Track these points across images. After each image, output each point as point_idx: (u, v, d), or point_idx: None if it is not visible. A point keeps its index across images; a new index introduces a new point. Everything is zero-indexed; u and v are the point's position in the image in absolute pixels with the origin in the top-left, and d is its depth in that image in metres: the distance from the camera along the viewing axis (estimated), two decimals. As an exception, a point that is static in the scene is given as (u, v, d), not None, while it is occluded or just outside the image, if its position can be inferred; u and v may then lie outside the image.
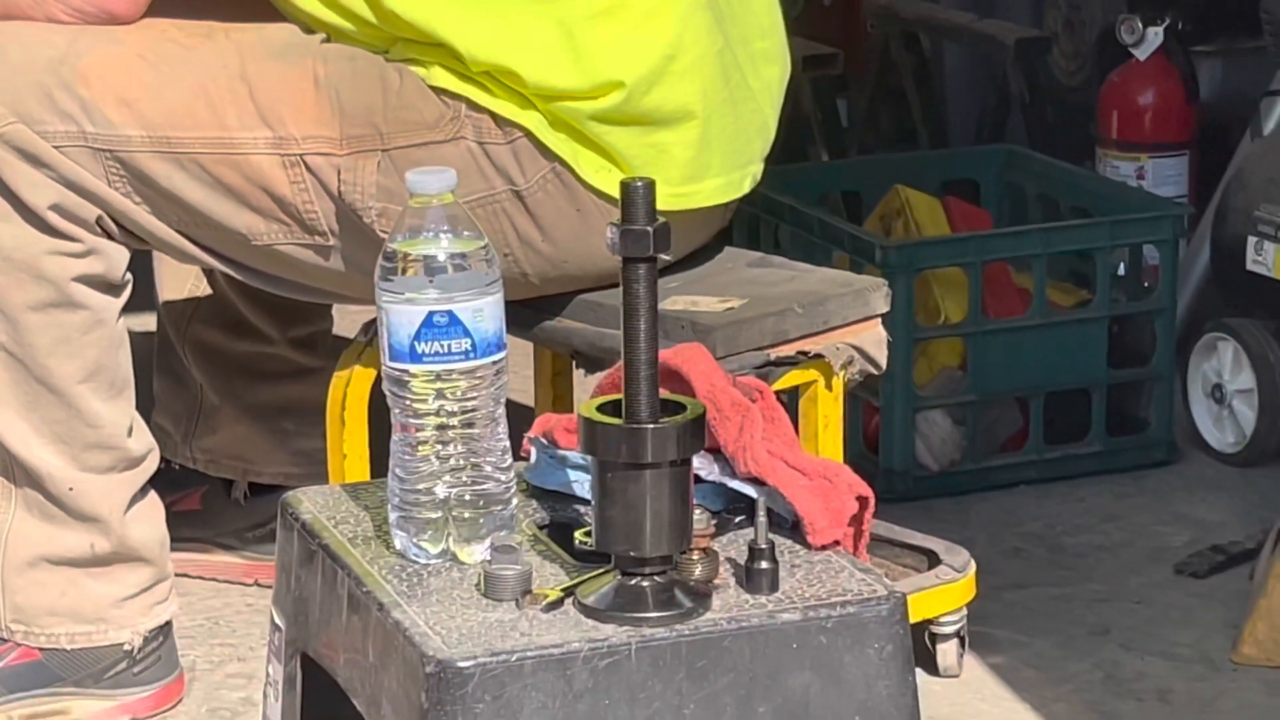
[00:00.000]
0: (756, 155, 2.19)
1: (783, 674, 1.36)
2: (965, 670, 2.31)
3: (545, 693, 1.31)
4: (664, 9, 2.01)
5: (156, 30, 2.09)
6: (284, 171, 2.05)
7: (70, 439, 2.13)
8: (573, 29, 1.97)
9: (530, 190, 2.04)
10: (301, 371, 2.61)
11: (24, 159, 2.02)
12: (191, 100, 2.05)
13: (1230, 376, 2.94)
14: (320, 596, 1.53)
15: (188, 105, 2.05)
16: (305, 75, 2.05)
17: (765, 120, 2.19)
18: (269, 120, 2.03)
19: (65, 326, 2.10)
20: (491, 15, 1.99)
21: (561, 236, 2.07)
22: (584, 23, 1.98)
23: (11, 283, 2.06)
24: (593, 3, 1.99)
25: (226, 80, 2.05)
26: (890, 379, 2.64)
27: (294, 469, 2.58)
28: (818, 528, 1.44)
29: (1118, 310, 2.95)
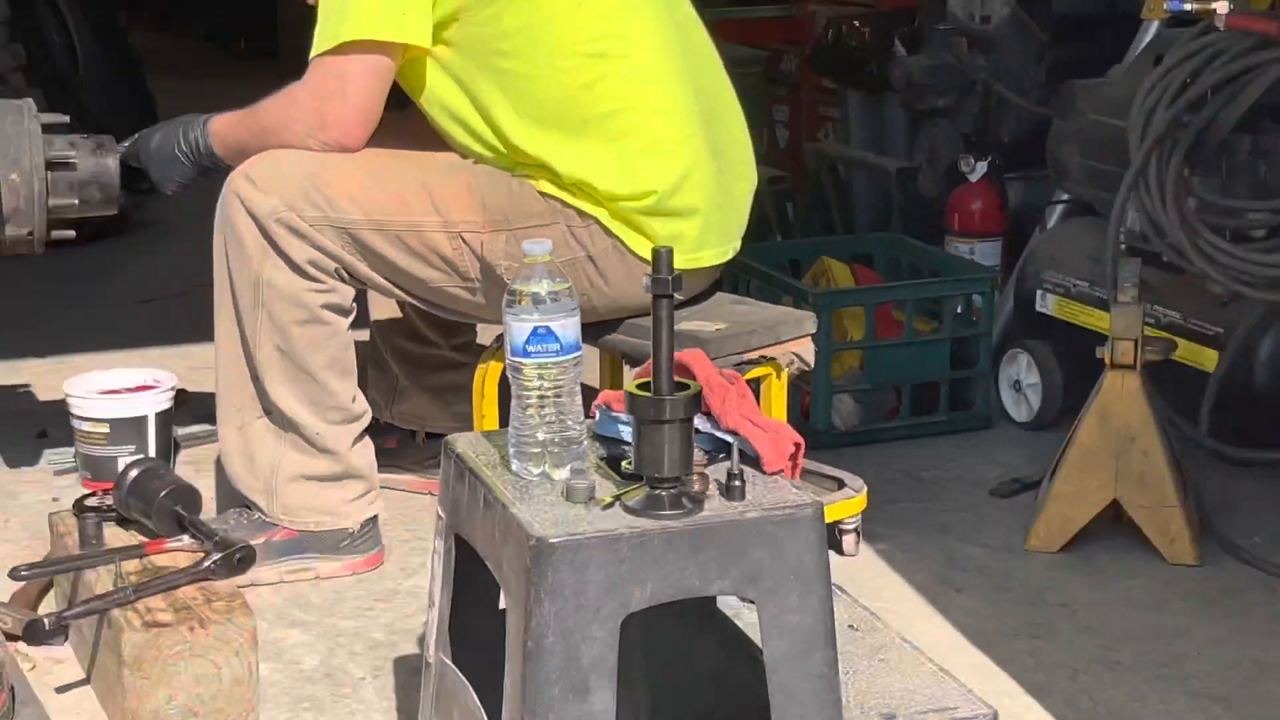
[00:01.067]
0: (736, 236, 2.83)
1: (747, 550, 1.74)
2: (860, 553, 2.93)
3: (601, 559, 1.68)
4: (683, 147, 2.66)
5: (372, 155, 2.71)
6: (449, 242, 2.63)
7: (318, 404, 2.75)
8: (626, 159, 2.62)
9: (598, 256, 2.64)
10: (458, 365, 3.18)
11: (291, 233, 2.64)
12: (393, 199, 2.64)
13: (1025, 376, 3.65)
14: (467, 499, 1.92)
15: (391, 202, 2.63)
16: (462, 184, 2.69)
17: (742, 215, 2.84)
18: (440, 212, 2.63)
19: (315, 334, 2.67)
20: (576, 150, 2.60)
21: (616, 284, 2.65)
22: (633, 155, 2.65)
23: (284, 308, 2.67)
24: (639, 141, 2.62)
25: (414, 186, 2.64)
26: (816, 373, 3.23)
27: (452, 424, 3.01)
28: (770, 461, 1.86)
29: (957, 334, 3.64)
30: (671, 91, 2.70)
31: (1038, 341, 3.58)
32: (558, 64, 2.62)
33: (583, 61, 2.62)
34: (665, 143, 2.66)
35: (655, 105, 2.67)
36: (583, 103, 2.62)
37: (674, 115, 2.68)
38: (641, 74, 2.67)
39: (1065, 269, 3.50)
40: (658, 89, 2.68)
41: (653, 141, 2.65)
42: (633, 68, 2.66)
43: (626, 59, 2.65)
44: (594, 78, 2.62)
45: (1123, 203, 3.18)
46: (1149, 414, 2.88)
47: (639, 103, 2.66)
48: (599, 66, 2.63)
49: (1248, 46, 3.06)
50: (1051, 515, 2.97)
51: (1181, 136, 3.10)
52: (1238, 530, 3.01)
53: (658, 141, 2.65)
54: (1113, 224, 3.21)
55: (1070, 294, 3.48)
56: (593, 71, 2.63)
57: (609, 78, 2.64)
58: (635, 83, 2.66)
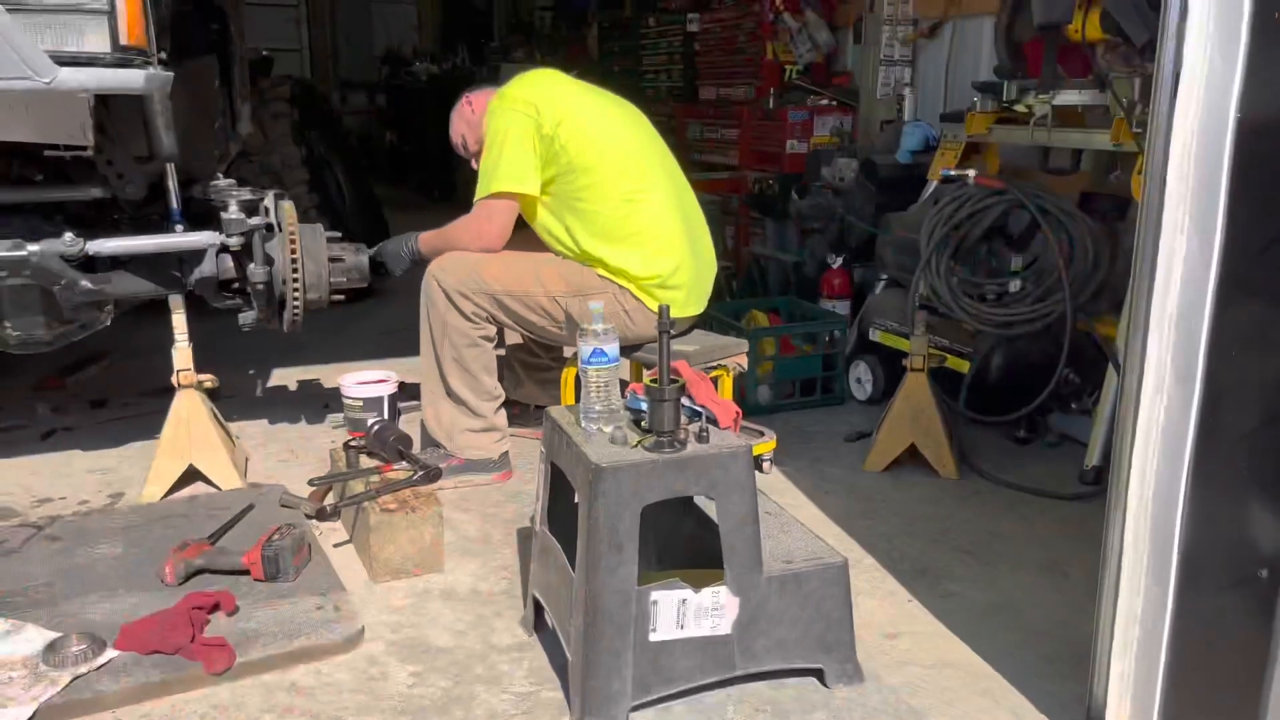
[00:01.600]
0: (704, 300, 2.81)
1: (710, 470, 1.73)
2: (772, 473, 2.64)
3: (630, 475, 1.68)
4: (676, 251, 2.67)
5: (506, 254, 2.70)
6: (548, 303, 2.62)
7: (476, 390, 2.75)
8: (645, 257, 2.64)
9: (630, 310, 2.63)
10: (551, 368, 3.19)
11: (461, 297, 2.66)
12: (517, 278, 2.66)
13: (863, 374, 3.63)
14: (557, 440, 1.89)
15: (516, 280, 2.65)
16: (556, 270, 2.67)
17: (708, 289, 2.81)
18: (543, 286, 2.66)
19: (475, 352, 2.66)
20: (619, 251, 2.62)
21: (638, 325, 2.64)
22: (649, 255, 2.64)
23: (457, 337, 2.69)
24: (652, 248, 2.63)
25: (529, 271, 2.70)
26: (748, 373, 3.07)
27: (549, 400, 3.04)
28: (723, 422, 1.84)
29: (826, 352, 3.56)
30: (671, 218, 2.68)
31: (870, 356, 3.56)
32: (608, 205, 2.61)
33: (622, 204, 2.62)
34: (666, 248, 2.65)
35: (661, 228, 2.65)
36: (623, 227, 2.62)
37: (672, 233, 2.67)
38: (654, 209, 2.65)
39: (885, 316, 3.49)
40: (663, 217, 2.67)
41: (660, 248, 2.64)
42: (649, 206, 2.65)
43: (646, 202, 2.64)
44: (628, 213, 2.62)
45: (917, 279, 3.16)
46: (931, 396, 2.87)
47: (653, 226, 2.64)
48: (631, 206, 2.62)
49: (986, 194, 3.05)
50: (877, 451, 2.96)
51: (949, 244, 3.10)
52: (979, 460, 3.00)
53: (662, 248, 2.64)
54: (912, 291, 3.19)
55: (888, 330, 3.46)
56: (628, 209, 2.62)
57: (637, 213, 2.63)
58: (651, 215, 2.65)
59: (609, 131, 2.67)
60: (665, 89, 5.96)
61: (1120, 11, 2.70)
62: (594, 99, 2.76)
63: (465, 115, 2.85)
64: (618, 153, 2.64)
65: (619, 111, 2.77)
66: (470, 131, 2.84)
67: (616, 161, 2.63)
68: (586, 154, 2.60)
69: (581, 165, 2.60)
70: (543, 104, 2.62)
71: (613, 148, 2.64)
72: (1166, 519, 1.50)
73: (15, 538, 2.39)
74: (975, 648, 2.02)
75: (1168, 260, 1.44)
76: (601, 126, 2.66)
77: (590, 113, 2.68)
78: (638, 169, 2.66)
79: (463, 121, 2.86)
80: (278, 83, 5.23)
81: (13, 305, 2.53)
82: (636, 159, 2.68)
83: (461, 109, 2.87)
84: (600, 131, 2.65)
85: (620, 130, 2.71)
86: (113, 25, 2.15)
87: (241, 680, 1.88)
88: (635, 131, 2.75)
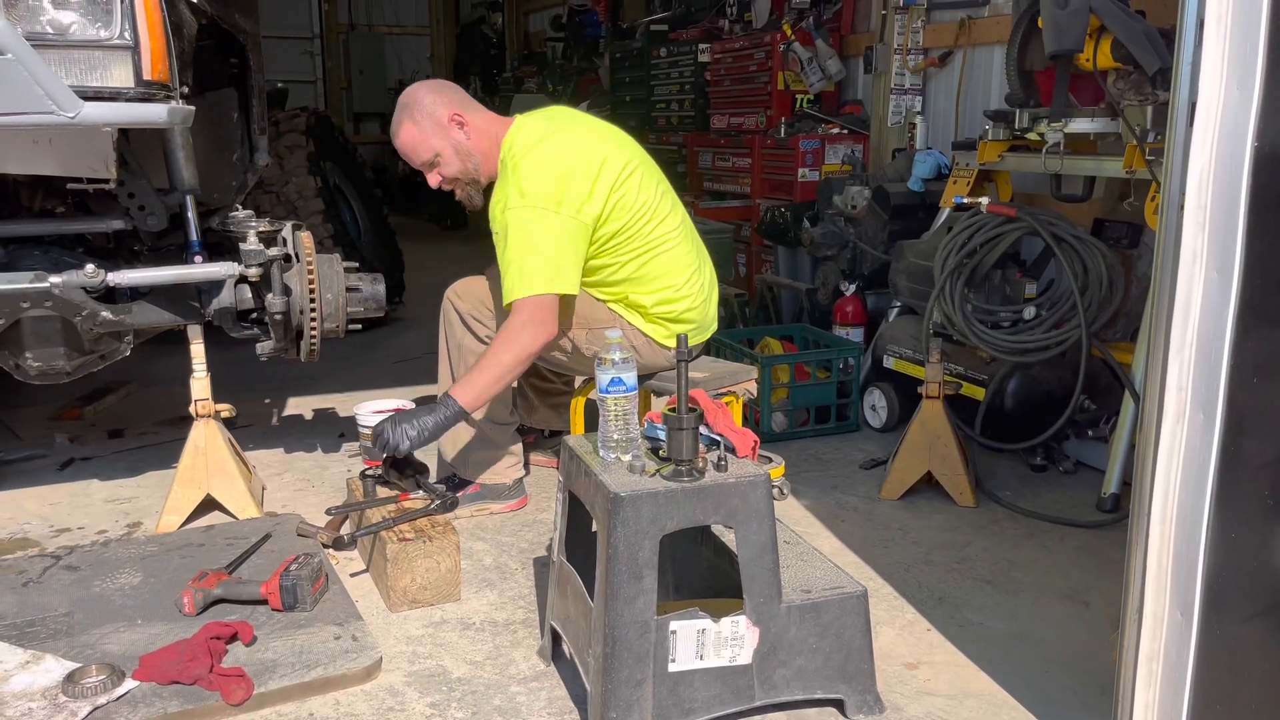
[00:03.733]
0: (713, 326, 2.78)
1: (728, 499, 1.72)
2: (788, 500, 2.70)
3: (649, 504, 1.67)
4: (689, 285, 2.63)
5: None
6: (566, 340, 2.57)
7: (491, 415, 2.73)
8: (659, 300, 2.60)
9: (641, 345, 2.59)
10: (564, 393, 3.12)
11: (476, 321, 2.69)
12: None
13: (878, 401, 3.61)
14: (574, 469, 1.89)
15: None
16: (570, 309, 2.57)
17: (713, 323, 2.78)
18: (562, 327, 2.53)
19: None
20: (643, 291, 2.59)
21: (646, 357, 2.62)
22: (664, 297, 2.60)
23: (474, 360, 2.57)
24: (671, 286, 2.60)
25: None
26: (764, 401, 3.38)
27: (562, 427, 3.11)
28: (740, 450, 1.83)
29: (840, 379, 3.58)
30: (686, 259, 2.63)
31: (885, 383, 3.56)
32: (628, 261, 2.55)
33: (642, 253, 2.55)
34: (681, 287, 2.61)
35: (677, 271, 2.61)
36: (642, 274, 2.57)
37: (687, 272, 2.63)
38: (672, 255, 2.59)
39: (900, 343, 3.49)
40: (680, 261, 2.62)
41: (676, 287, 2.60)
42: (667, 253, 2.59)
43: (664, 249, 2.58)
44: (648, 263, 2.56)
45: (931, 307, 3.17)
46: (947, 424, 2.86)
47: (670, 271, 2.59)
48: (651, 255, 2.56)
49: (998, 222, 3.06)
50: (893, 479, 2.95)
51: (963, 271, 3.10)
52: (996, 487, 2.99)
53: (678, 288, 2.60)
54: (926, 318, 3.20)
55: (903, 357, 3.47)
56: (648, 258, 2.56)
57: (656, 260, 2.57)
58: (668, 261, 2.59)
59: (634, 188, 2.52)
60: (677, 118, 6.00)
61: (1132, 40, 2.71)
62: (604, 147, 2.53)
63: (453, 137, 2.52)
64: (642, 208, 2.53)
65: (629, 153, 2.58)
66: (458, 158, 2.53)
67: (640, 218, 2.53)
68: (619, 220, 2.49)
69: (613, 231, 2.50)
70: (572, 192, 2.41)
71: (639, 206, 2.52)
72: (1190, 547, 1.49)
73: (34, 568, 2.39)
74: (996, 678, 2.00)
75: (1187, 288, 1.44)
76: (628, 186, 2.50)
77: (612, 172, 2.48)
78: (659, 218, 2.57)
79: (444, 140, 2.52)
80: (294, 114, 5.29)
81: (34, 336, 2.56)
82: (659, 209, 2.58)
83: (446, 125, 2.51)
84: (628, 195, 2.50)
85: (640, 180, 2.55)
86: (136, 61, 2.18)
87: (260, 711, 1.87)
88: (647, 172, 2.61)
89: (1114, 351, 2.93)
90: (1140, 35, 2.71)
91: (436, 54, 12.33)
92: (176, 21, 2.35)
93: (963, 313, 3.07)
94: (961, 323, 3.06)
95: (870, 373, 3.66)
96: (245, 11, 3.21)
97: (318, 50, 11.78)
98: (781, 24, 4.92)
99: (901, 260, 3.50)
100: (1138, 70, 2.76)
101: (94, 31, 2.17)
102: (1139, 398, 2.73)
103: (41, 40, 2.13)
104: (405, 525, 2.34)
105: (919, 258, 3.38)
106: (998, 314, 3.05)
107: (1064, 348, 2.92)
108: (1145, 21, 2.78)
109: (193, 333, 2.69)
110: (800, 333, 3.89)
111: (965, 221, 3.14)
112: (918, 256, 3.39)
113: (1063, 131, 3.00)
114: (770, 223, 4.56)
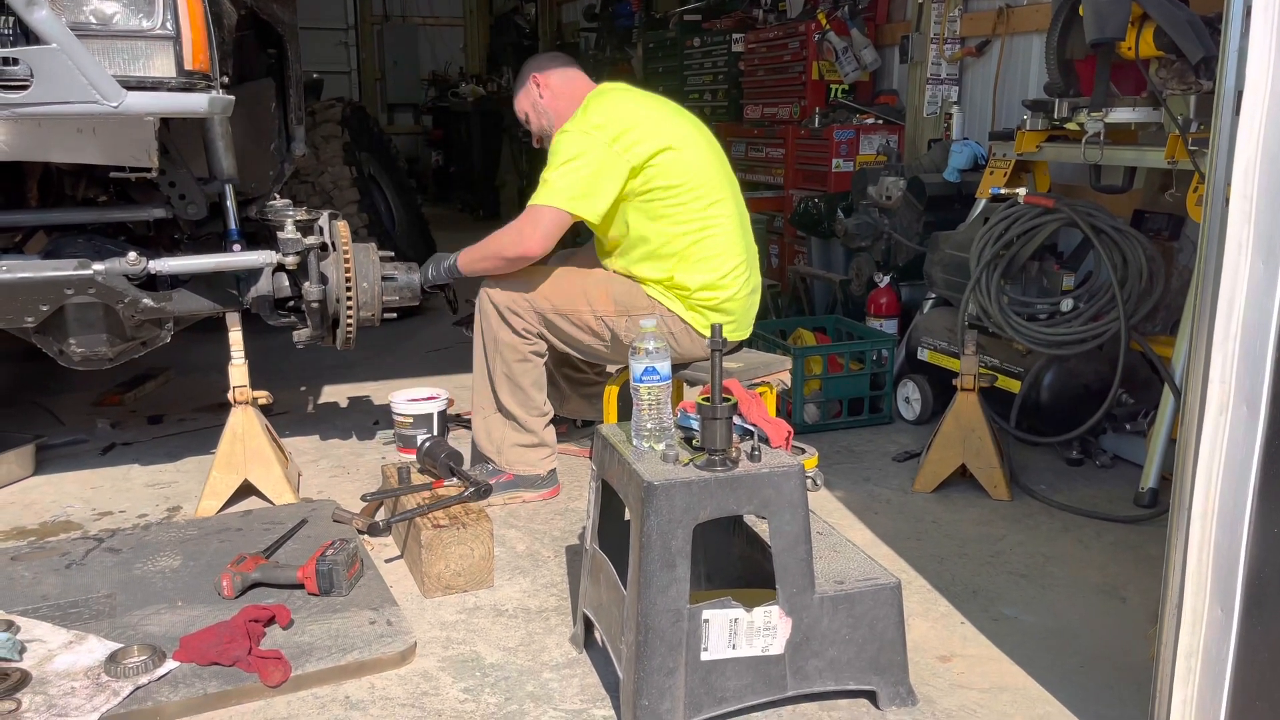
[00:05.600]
0: (749, 327, 2.80)
1: (761, 489, 1.72)
2: (821, 491, 2.84)
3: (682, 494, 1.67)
4: (736, 275, 2.66)
5: (557, 272, 2.71)
6: (595, 321, 2.61)
7: (526, 405, 2.76)
8: (708, 280, 2.63)
9: (679, 333, 2.62)
10: (597, 383, 3.19)
11: (512, 314, 2.68)
12: (567, 298, 2.64)
13: (911, 393, 3.58)
14: (607, 458, 1.90)
15: (565, 299, 2.65)
16: (604, 289, 2.67)
17: (752, 316, 2.80)
18: (592, 305, 2.66)
19: (525, 367, 2.67)
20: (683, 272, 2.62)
21: (684, 346, 2.67)
22: (713, 280, 2.62)
23: (509, 353, 2.70)
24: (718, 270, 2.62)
25: (578, 290, 2.69)
26: (793, 391, 3.35)
27: (595, 416, 3.14)
28: (774, 441, 1.82)
29: (873, 371, 3.54)
30: (737, 247, 2.67)
31: (919, 375, 3.54)
32: (684, 226, 2.60)
33: (695, 230, 2.60)
34: (727, 276, 2.64)
35: (728, 256, 2.64)
36: (694, 249, 2.60)
37: (736, 261, 2.66)
38: (724, 237, 2.64)
39: (934, 335, 3.47)
40: (731, 246, 2.65)
41: (723, 274, 2.63)
42: (720, 233, 2.63)
43: (718, 228, 2.63)
44: (698, 241, 2.60)
45: (966, 299, 3.15)
46: (982, 416, 2.84)
47: (721, 253, 2.63)
48: (702, 235, 2.61)
49: (1036, 213, 3.02)
50: (927, 471, 2.93)
51: (999, 262, 3.07)
52: (1031, 481, 2.96)
53: (724, 275, 2.64)
54: (961, 310, 3.17)
55: (937, 349, 3.44)
56: (698, 237, 2.60)
57: (706, 241, 2.61)
58: (720, 242, 2.63)
59: (692, 163, 2.61)
60: (709, 109, 5.98)
61: (1175, 28, 2.67)
62: (678, 123, 2.69)
63: (533, 97, 2.78)
64: (698, 182, 2.60)
65: (701, 138, 2.71)
66: (535, 115, 2.80)
67: (695, 189, 2.59)
68: (668, 178, 2.57)
69: (660, 187, 2.57)
70: (629, 133, 2.56)
71: (694, 178, 2.60)
72: (1231, 542, 1.47)
73: (77, 550, 2.44)
74: (1031, 672, 1.99)
75: (1231, 280, 1.42)
76: (686, 156, 2.61)
77: (677, 142, 2.61)
78: (714, 196, 2.63)
79: (528, 101, 2.80)
80: (329, 105, 5.33)
81: (77, 322, 2.60)
82: (715, 187, 2.64)
83: (529, 86, 2.79)
84: (685, 162, 2.59)
85: (701, 159, 2.65)
86: (178, 51, 2.21)
87: (297, 693, 1.90)
88: (713, 158, 2.70)
89: (1153, 345, 2.89)
90: (1183, 23, 2.67)
91: (470, 45, 12.36)
92: (217, 12, 2.38)
93: (999, 305, 3.04)
94: (998, 315, 3.03)
95: (904, 365, 3.63)
96: (283, 2, 3.24)
97: (352, 41, 11.85)
98: (816, 13, 4.89)
99: (937, 251, 3.47)
100: (1181, 59, 2.72)
101: (136, 22, 2.20)
102: (1179, 392, 2.69)
103: (85, 30, 2.17)
104: (439, 512, 2.36)
105: (954, 249, 3.35)
106: (1034, 306, 3.02)
107: (1102, 340, 2.88)
108: (1188, 9, 2.73)
109: (231, 320, 2.72)
110: (833, 324, 3.87)
111: (1002, 212, 3.11)
112: (953, 248, 3.36)
113: (1103, 121, 2.96)
114: (804, 213, 4.54)
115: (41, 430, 3.34)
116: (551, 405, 2.88)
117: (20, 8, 2.07)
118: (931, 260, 3.51)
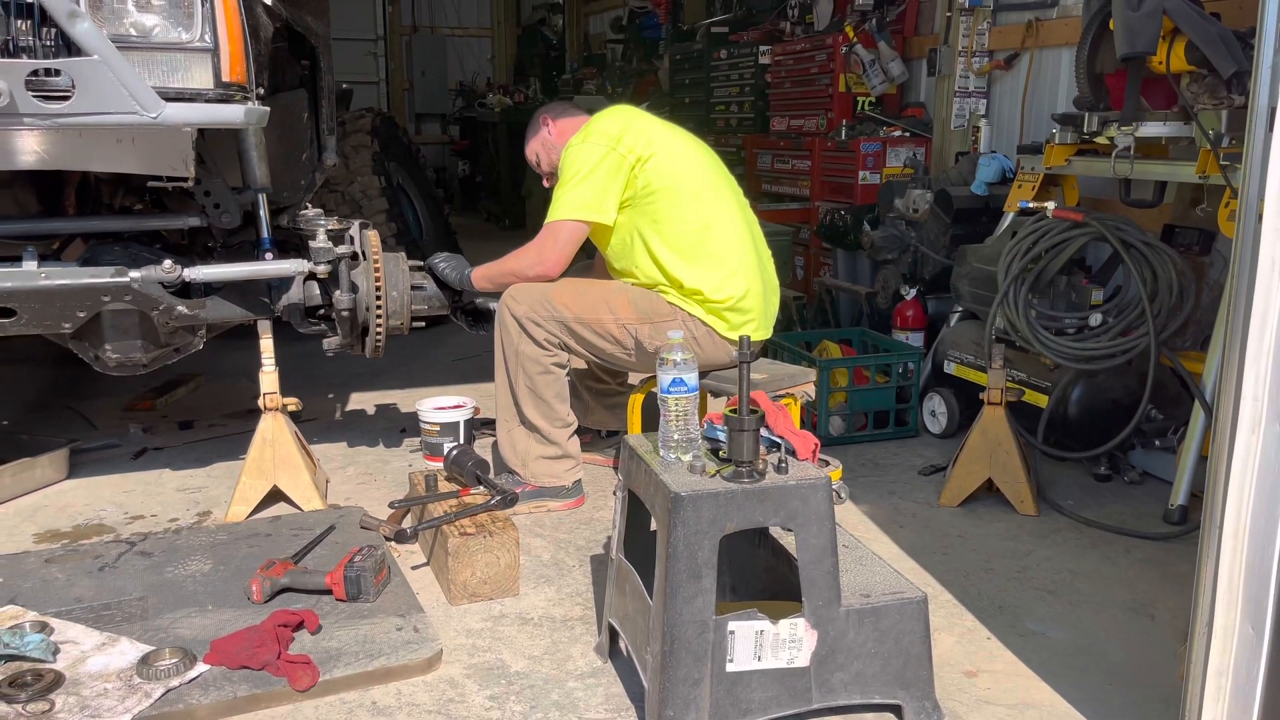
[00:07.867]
0: (771, 325, 2.82)
1: (788, 501, 1.71)
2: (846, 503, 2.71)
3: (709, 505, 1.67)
4: (747, 276, 2.69)
5: (578, 282, 2.75)
6: (620, 331, 2.63)
7: (549, 417, 2.76)
8: (719, 278, 2.65)
9: (702, 337, 2.62)
10: (620, 393, 3.22)
11: (534, 325, 2.68)
12: (587, 306, 2.65)
13: (937, 407, 3.58)
14: (634, 468, 1.90)
15: (586, 308, 2.65)
16: (625, 297, 2.69)
17: (774, 314, 2.83)
18: (615, 313, 2.68)
19: (548, 379, 2.67)
20: (695, 273, 2.64)
21: (707, 352, 2.65)
22: (724, 277, 2.65)
23: (530, 365, 2.70)
24: (727, 270, 2.65)
25: (599, 299, 2.68)
26: (819, 403, 3.36)
27: (618, 427, 3.21)
28: (801, 453, 1.83)
29: (899, 384, 3.54)
30: (744, 244, 2.72)
31: (945, 389, 3.53)
32: (685, 225, 2.65)
33: (698, 226, 2.65)
34: (739, 271, 2.67)
35: (735, 251, 2.68)
36: (699, 247, 2.64)
37: (744, 257, 2.70)
38: (728, 234, 2.69)
39: (961, 349, 3.46)
40: (736, 243, 2.70)
41: (733, 271, 2.66)
42: (723, 231, 2.68)
43: (720, 226, 2.68)
44: (703, 235, 2.65)
45: (994, 312, 3.14)
46: (1009, 430, 2.83)
47: (727, 249, 2.67)
48: (706, 232, 2.66)
49: (1065, 227, 3.01)
50: (953, 485, 2.92)
51: (1027, 276, 3.06)
52: (1059, 496, 2.95)
53: (735, 270, 2.66)
54: (989, 324, 3.16)
55: (964, 363, 3.43)
56: (703, 231, 2.66)
57: (712, 235, 2.66)
58: (724, 240, 2.68)
59: (687, 164, 2.73)
60: (736, 120, 5.99)
61: (1207, 43, 2.66)
62: (672, 134, 2.80)
63: (543, 137, 2.91)
64: (695, 183, 2.69)
65: (695, 147, 2.83)
66: (545, 153, 2.92)
67: (694, 189, 2.68)
68: (665, 178, 2.65)
69: (660, 187, 2.64)
70: (626, 136, 2.67)
71: (690, 179, 2.69)
72: (1262, 560, 1.46)
73: (110, 553, 2.47)
74: (1058, 689, 1.97)
75: (1265, 295, 1.41)
76: (681, 158, 2.72)
77: (670, 145, 2.73)
78: (714, 194, 2.72)
79: (539, 141, 2.92)
80: (359, 115, 5.38)
81: (113, 329, 2.64)
82: (713, 186, 2.74)
83: (540, 130, 2.92)
84: (679, 164, 2.70)
85: (696, 163, 2.76)
86: (215, 63, 2.25)
87: (325, 698, 1.92)
88: (709, 164, 2.81)
89: (1183, 360, 2.87)
90: (1215, 38, 2.65)
91: (497, 55, 12.46)
92: (254, 24, 2.41)
93: (1027, 319, 3.03)
94: (1025, 329, 3.02)
95: (930, 378, 3.62)
96: (317, 14, 3.29)
97: (381, 52, 11.96)
98: (844, 26, 4.89)
99: (964, 264, 3.46)
100: (1212, 74, 2.70)
101: (175, 34, 2.24)
102: (1210, 409, 2.67)
103: (125, 42, 2.21)
104: (466, 520, 2.37)
105: (982, 262, 3.34)
106: (1062, 320, 3.00)
107: (1131, 356, 2.86)
108: (1220, 24, 2.72)
109: (263, 328, 2.75)
110: (859, 336, 3.87)
111: (1030, 226, 3.10)
112: (981, 261, 3.35)
113: (1134, 135, 2.94)
114: (830, 225, 4.54)
115: (75, 435, 3.39)
116: (575, 416, 2.90)
117: (63, 20, 2.12)
118: (958, 273, 3.50)
